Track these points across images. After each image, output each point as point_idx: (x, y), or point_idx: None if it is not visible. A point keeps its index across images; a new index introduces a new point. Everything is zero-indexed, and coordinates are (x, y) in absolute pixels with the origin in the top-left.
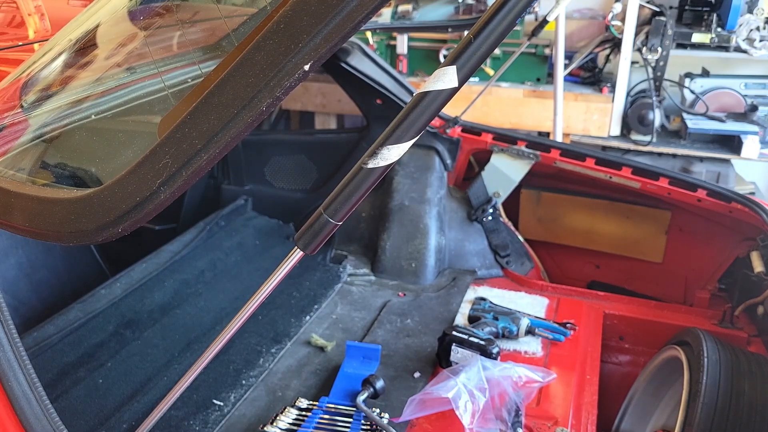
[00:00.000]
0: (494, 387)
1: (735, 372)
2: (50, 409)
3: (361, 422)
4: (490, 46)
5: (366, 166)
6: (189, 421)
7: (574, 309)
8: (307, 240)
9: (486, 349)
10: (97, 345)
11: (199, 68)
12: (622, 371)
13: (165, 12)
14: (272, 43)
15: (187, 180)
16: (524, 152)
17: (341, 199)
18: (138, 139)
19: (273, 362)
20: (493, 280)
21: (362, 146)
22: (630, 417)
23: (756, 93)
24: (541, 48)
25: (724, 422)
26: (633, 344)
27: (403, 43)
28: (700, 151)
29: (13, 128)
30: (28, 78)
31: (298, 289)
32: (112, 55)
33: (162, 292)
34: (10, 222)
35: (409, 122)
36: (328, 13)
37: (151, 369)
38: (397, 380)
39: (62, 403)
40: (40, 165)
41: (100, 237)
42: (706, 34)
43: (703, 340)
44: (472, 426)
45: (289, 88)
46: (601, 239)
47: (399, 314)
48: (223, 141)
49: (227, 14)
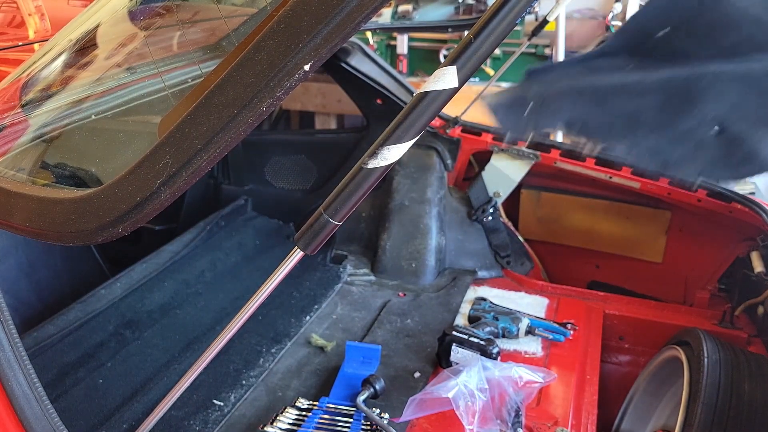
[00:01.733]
0: (494, 387)
1: (735, 372)
2: (50, 409)
3: (361, 422)
4: (490, 46)
5: (366, 166)
6: (189, 421)
7: (574, 309)
8: (308, 240)
9: (486, 349)
10: (97, 345)
11: (199, 68)
12: (622, 371)
13: (165, 12)
14: (272, 43)
15: (187, 180)
16: (524, 152)
17: (341, 199)
18: (138, 139)
19: (273, 362)
20: (493, 280)
21: (362, 146)
22: (630, 417)
23: None
24: (541, 48)
25: (724, 422)
26: (633, 344)
27: (403, 43)
28: None
29: (13, 128)
30: (28, 78)
31: (298, 289)
32: (113, 55)
33: (162, 292)
34: (10, 222)
35: (409, 122)
36: (328, 13)
37: (151, 369)
38: (397, 380)
39: (62, 403)
40: (40, 165)
41: (100, 237)
42: None
43: (703, 340)
44: (472, 426)
45: (289, 89)
46: (601, 239)
47: (399, 314)
48: (223, 141)
49: (227, 14)
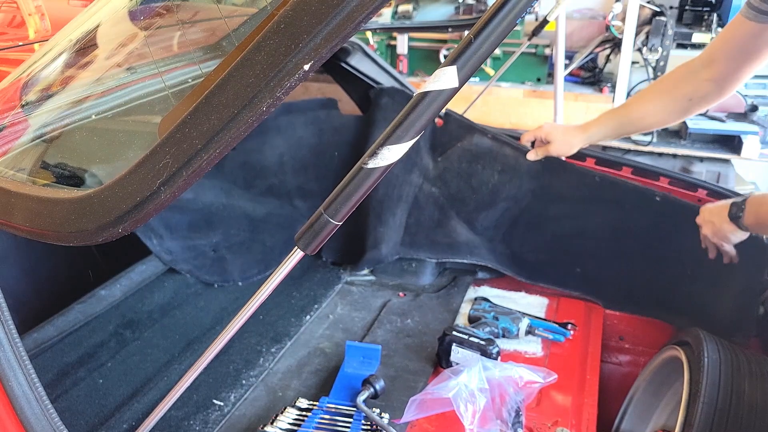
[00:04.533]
0: (495, 387)
1: (735, 372)
2: (50, 409)
3: (361, 422)
4: (491, 46)
5: (366, 166)
6: (189, 421)
7: (574, 309)
8: (308, 240)
9: (486, 349)
10: (97, 345)
11: (199, 68)
12: (622, 371)
13: (165, 12)
14: (272, 43)
15: (187, 180)
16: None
17: (341, 199)
18: (138, 139)
19: (273, 362)
20: (493, 280)
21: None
22: (630, 417)
23: (756, 93)
24: (541, 48)
25: (724, 422)
26: (633, 344)
27: (403, 43)
28: (700, 151)
29: (13, 128)
30: (28, 78)
31: (298, 290)
32: (113, 55)
33: (162, 292)
34: (10, 222)
35: (410, 122)
36: (328, 13)
37: (151, 369)
38: (397, 380)
39: (62, 403)
40: (40, 165)
41: (100, 237)
42: (707, 34)
43: (703, 340)
44: (472, 426)
45: (289, 88)
46: None
47: (399, 314)
48: (223, 141)
49: (227, 14)
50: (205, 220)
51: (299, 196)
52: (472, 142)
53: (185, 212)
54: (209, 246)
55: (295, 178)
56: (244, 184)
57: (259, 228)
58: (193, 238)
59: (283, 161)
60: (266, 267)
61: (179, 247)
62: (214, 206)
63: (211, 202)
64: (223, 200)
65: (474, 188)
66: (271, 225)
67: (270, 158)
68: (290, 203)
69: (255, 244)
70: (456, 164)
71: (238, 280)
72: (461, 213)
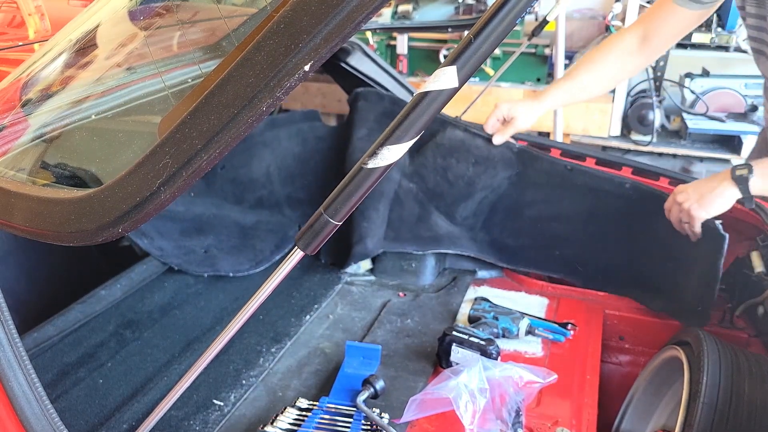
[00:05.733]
0: (495, 387)
1: (735, 372)
2: (50, 409)
3: (361, 422)
4: (490, 46)
5: (366, 166)
6: (189, 421)
7: (574, 309)
8: (308, 240)
9: (486, 349)
10: (97, 345)
11: (199, 68)
12: (622, 371)
13: (165, 12)
14: (272, 43)
15: (187, 180)
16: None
17: (341, 199)
18: (138, 140)
19: (273, 362)
20: (493, 280)
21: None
22: (630, 417)
23: (756, 93)
24: (541, 48)
25: (724, 422)
26: (633, 344)
27: (403, 43)
28: (700, 151)
29: (13, 128)
30: (28, 78)
31: (298, 290)
32: (113, 55)
33: (162, 292)
34: (10, 222)
35: (409, 122)
36: (328, 13)
37: (151, 369)
38: (397, 380)
39: (62, 403)
40: (40, 165)
41: (100, 237)
42: (706, 34)
43: (703, 340)
44: (472, 426)
45: (289, 88)
46: None
47: (399, 314)
48: (223, 141)
49: (227, 14)
50: (196, 228)
51: (288, 205)
52: (444, 137)
53: (177, 221)
54: (201, 247)
55: (284, 188)
56: (234, 199)
57: (250, 234)
58: (185, 240)
59: (270, 172)
60: (257, 264)
61: (170, 246)
62: (205, 216)
63: (202, 212)
64: (213, 211)
65: (450, 182)
66: (262, 231)
67: (257, 171)
68: (280, 212)
69: (246, 248)
70: (431, 160)
71: (230, 272)
72: (440, 207)
